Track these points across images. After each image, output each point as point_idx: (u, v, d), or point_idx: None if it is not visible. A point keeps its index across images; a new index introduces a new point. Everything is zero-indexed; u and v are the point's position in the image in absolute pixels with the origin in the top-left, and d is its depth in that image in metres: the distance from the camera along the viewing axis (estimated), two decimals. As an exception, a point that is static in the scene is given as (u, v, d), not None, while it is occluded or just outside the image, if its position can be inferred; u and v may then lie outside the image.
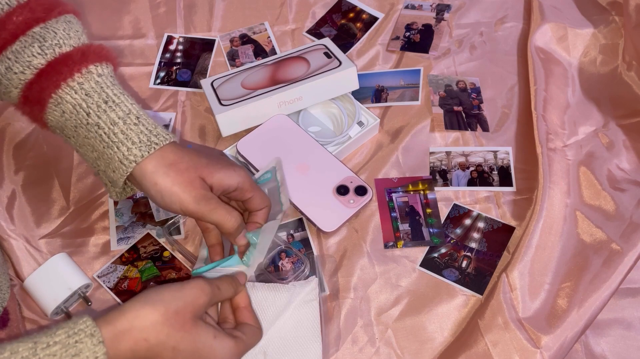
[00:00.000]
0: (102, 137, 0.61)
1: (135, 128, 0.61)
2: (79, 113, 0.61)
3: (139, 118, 0.62)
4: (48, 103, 0.62)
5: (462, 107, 0.88)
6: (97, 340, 0.51)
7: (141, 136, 0.61)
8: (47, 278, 0.72)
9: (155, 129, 0.62)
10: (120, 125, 0.61)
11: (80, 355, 0.50)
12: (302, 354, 0.66)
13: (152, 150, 0.61)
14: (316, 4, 1.02)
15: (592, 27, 0.94)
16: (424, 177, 0.81)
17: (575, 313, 0.67)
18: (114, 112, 0.61)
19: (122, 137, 0.61)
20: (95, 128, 0.61)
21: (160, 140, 0.62)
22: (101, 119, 0.61)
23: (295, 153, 0.80)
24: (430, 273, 0.74)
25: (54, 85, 0.61)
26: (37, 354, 0.49)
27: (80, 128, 0.62)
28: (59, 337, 0.50)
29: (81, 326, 0.51)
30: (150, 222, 0.79)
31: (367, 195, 0.77)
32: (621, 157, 0.81)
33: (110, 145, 0.61)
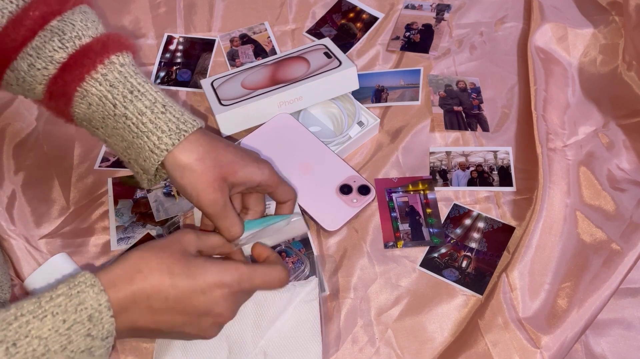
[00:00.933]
0: (131, 127, 0.61)
1: (163, 117, 0.61)
2: (106, 105, 0.61)
3: (165, 106, 0.62)
4: (74, 97, 0.62)
5: (462, 107, 0.88)
6: (98, 289, 0.52)
7: (170, 124, 0.61)
8: (47, 278, 0.72)
9: (182, 116, 0.62)
10: (148, 115, 0.61)
11: (85, 303, 0.52)
12: (302, 355, 0.66)
13: (182, 138, 0.61)
14: (316, 4, 1.02)
15: (592, 27, 0.94)
16: (424, 177, 0.81)
17: (575, 313, 0.67)
18: (140, 101, 0.61)
19: (151, 126, 0.61)
20: (123, 119, 0.61)
21: (188, 127, 0.62)
22: (128, 110, 0.61)
23: (299, 152, 0.80)
24: (431, 273, 0.74)
25: (78, 79, 0.61)
26: (41, 306, 0.51)
27: (108, 119, 0.62)
28: (61, 290, 0.52)
29: (80, 278, 0.53)
30: (150, 222, 0.79)
31: (370, 194, 0.77)
32: (621, 157, 0.81)
33: (140, 135, 0.61)
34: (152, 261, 0.56)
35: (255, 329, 0.67)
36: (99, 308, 0.52)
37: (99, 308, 0.52)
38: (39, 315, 0.50)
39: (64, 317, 0.51)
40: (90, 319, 0.52)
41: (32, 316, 0.50)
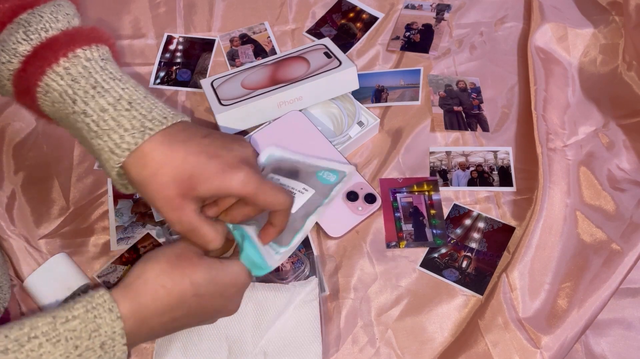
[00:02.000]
0: (90, 126, 0.55)
1: (127, 114, 0.55)
2: (66, 101, 0.56)
3: (131, 103, 0.56)
4: (36, 93, 0.57)
5: (462, 107, 0.88)
6: (115, 316, 0.51)
7: (134, 121, 0.55)
8: (47, 278, 0.72)
9: (150, 113, 0.56)
10: (111, 112, 0.55)
11: (100, 330, 0.51)
12: (302, 355, 0.66)
13: (146, 136, 0.54)
14: (316, 4, 1.02)
15: (592, 27, 0.93)
16: (429, 178, 0.81)
17: (576, 313, 0.67)
18: (103, 97, 0.55)
19: (113, 124, 0.55)
20: (82, 116, 0.55)
21: (155, 125, 0.55)
22: (89, 106, 0.55)
23: (308, 153, 0.80)
24: (431, 273, 0.74)
25: (39, 72, 0.56)
26: (57, 329, 0.49)
27: (70, 118, 0.57)
28: (78, 311, 0.51)
29: (98, 300, 0.52)
30: (150, 222, 0.79)
31: (375, 203, 0.77)
32: (621, 157, 0.81)
33: (100, 134, 0.55)
34: (174, 272, 0.55)
35: (255, 329, 0.67)
36: (112, 335, 0.51)
37: (113, 336, 0.51)
38: (52, 338, 0.49)
39: (77, 343, 0.50)
40: (103, 346, 0.51)
41: (46, 339, 0.49)
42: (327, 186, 0.71)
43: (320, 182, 0.71)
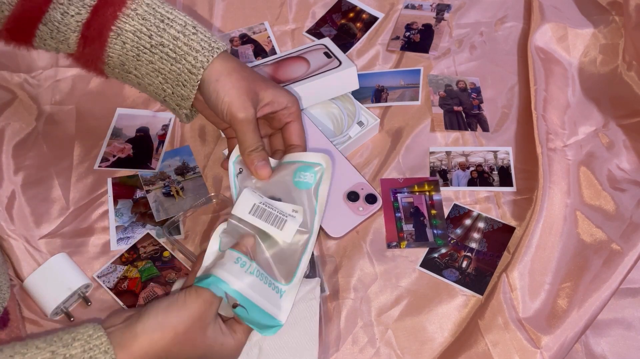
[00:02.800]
0: (169, 54, 0.65)
1: (195, 37, 0.65)
2: (141, 39, 0.64)
3: (195, 27, 0.66)
4: (109, 37, 0.64)
5: (462, 107, 0.88)
6: (110, 357, 0.53)
7: (202, 43, 0.65)
8: (46, 278, 0.72)
9: (212, 36, 0.66)
10: (182, 39, 0.64)
11: None
12: (297, 352, 0.66)
13: (216, 54, 0.64)
14: (316, 4, 1.02)
15: (592, 27, 0.93)
16: (429, 178, 0.81)
17: (576, 313, 0.67)
18: (172, 28, 0.65)
19: (186, 48, 0.64)
20: (159, 48, 0.64)
21: (219, 45, 0.65)
22: (163, 37, 0.64)
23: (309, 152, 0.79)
24: (431, 273, 0.74)
25: (112, 17, 0.64)
26: None
27: (144, 54, 0.65)
28: (75, 350, 0.53)
29: (96, 341, 0.54)
30: (150, 222, 0.79)
31: (376, 203, 0.77)
32: (621, 157, 0.81)
33: (178, 59, 0.64)
34: (174, 348, 0.57)
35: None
36: None
37: None
38: None
39: None
40: None
41: None
42: (308, 191, 0.68)
43: (301, 190, 0.68)
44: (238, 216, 0.65)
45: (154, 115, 0.89)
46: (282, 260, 0.65)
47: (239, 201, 0.66)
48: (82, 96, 0.91)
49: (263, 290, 0.62)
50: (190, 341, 0.58)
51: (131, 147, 0.86)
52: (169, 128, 0.88)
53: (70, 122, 0.88)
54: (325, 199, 0.69)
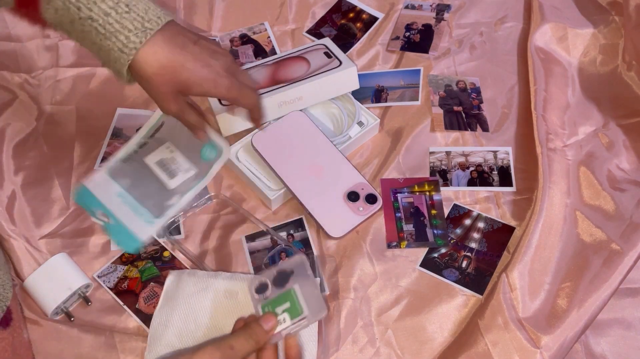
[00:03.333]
0: (98, 29, 0.62)
1: (127, 16, 0.62)
2: (70, 9, 0.62)
3: (128, 5, 0.62)
4: (39, 2, 0.62)
5: (462, 107, 0.88)
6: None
7: (135, 23, 0.62)
8: (47, 278, 0.72)
9: (146, 14, 0.63)
10: (113, 15, 0.62)
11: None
12: None
13: (148, 36, 0.62)
14: (316, 4, 1.02)
15: (592, 27, 0.93)
16: (430, 178, 0.81)
17: (575, 313, 0.67)
18: (103, 2, 0.62)
19: (117, 26, 0.62)
20: (89, 21, 0.62)
21: (153, 25, 0.62)
22: (93, 11, 0.62)
23: (310, 153, 0.80)
24: (430, 273, 0.74)
25: None
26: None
27: (75, 23, 0.63)
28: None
29: None
30: (150, 222, 0.79)
31: (376, 204, 0.77)
32: (621, 157, 0.81)
33: (108, 36, 0.62)
34: None
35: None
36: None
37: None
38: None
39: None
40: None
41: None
42: (207, 163, 0.73)
43: (202, 159, 0.73)
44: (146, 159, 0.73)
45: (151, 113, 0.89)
46: (159, 198, 0.73)
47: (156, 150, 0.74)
48: (82, 96, 0.91)
49: (127, 212, 0.71)
50: None
51: (131, 147, 0.86)
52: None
53: (70, 122, 0.89)
54: (212, 176, 0.73)
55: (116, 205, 0.71)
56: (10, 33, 0.95)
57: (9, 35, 0.95)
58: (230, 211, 0.80)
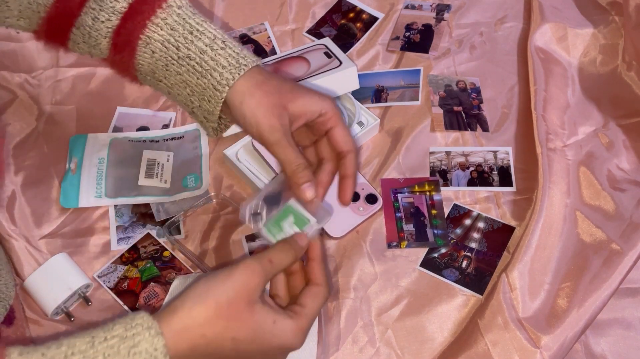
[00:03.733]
0: (195, 68, 0.62)
1: (223, 53, 0.62)
2: (169, 49, 0.62)
3: (224, 42, 0.63)
4: (137, 45, 0.63)
5: (462, 107, 0.88)
6: (154, 332, 0.50)
7: (229, 59, 0.62)
8: (47, 278, 0.72)
9: (241, 51, 0.63)
10: (209, 53, 0.62)
11: (139, 346, 0.49)
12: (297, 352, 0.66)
13: (242, 72, 0.61)
14: (316, 4, 1.02)
15: (592, 27, 0.93)
16: (430, 178, 0.81)
17: (575, 313, 0.67)
18: (200, 40, 0.62)
19: (212, 63, 0.61)
20: (187, 60, 0.62)
21: (248, 62, 0.62)
22: (190, 50, 0.62)
23: None
24: (431, 273, 0.74)
25: (140, 26, 0.62)
26: (94, 347, 0.49)
27: (172, 65, 0.63)
28: (117, 331, 0.50)
29: (138, 320, 0.50)
30: (150, 222, 0.79)
31: (377, 204, 0.77)
32: (621, 157, 0.81)
33: (204, 74, 0.62)
34: (218, 324, 0.52)
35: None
36: (154, 353, 0.49)
37: (155, 353, 0.49)
38: (89, 356, 0.48)
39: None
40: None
41: (83, 357, 0.48)
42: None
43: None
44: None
45: (154, 114, 0.89)
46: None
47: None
48: (82, 96, 0.91)
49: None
50: (236, 316, 0.53)
51: (131, 147, 0.87)
52: (169, 127, 0.88)
53: (70, 122, 0.89)
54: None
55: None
56: (11, 33, 0.95)
57: (9, 35, 0.95)
58: (230, 211, 0.80)
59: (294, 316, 0.56)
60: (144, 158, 0.83)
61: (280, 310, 0.56)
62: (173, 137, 0.86)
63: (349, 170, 0.64)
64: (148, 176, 0.81)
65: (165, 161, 0.83)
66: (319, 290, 0.59)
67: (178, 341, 0.51)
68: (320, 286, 0.59)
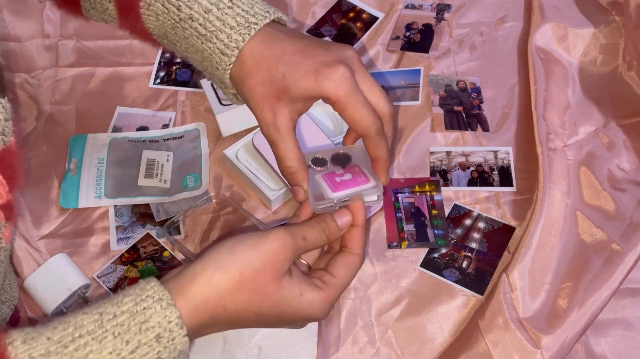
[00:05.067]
0: (199, 30, 0.55)
1: (230, 12, 0.54)
2: (170, 10, 0.56)
3: (232, 0, 0.55)
4: (140, 8, 0.57)
5: (462, 107, 0.88)
6: (166, 303, 0.46)
7: (238, 18, 0.54)
8: (46, 278, 0.72)
9: (252, 8, 0.55)
10: (215, 12, 0.54)
11: (151, 321, 0.45)
12: (296, 352, 0.66)
13: (252, 32, 0.53)
14: (316, 4, 1.02)
15: (592, 27, 0.93)
16: (431, 178, 0.81)
17: (576, 313, 0.67)
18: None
19: (218, 24, 0.54)
20: (189, 22, 0.55)
21: (259, 19, 0.54)
22: (193, 10, 0.55)
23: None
24: (431, 274, 0.74)
25: None
26: (103, 326, 0.45)
27: (177, 28, 0.56)
28: (126, 306, 0.45)
29: (149, 291, 0.46)
30: (150, 222, 0.79)
31: (377, 204, 0.77)
32: (621, 156, 0.81)
33: (209, 37, 0.55)
34: (240, 296, 0.48)
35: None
36: (168, 325, 0.45)
37: (169, 326, 0.45)
38: (98, 336, 0.44)
39: (127, 338, 0.44)
40: (159, 339, 0.45)
41: (92, 338, 0.44)
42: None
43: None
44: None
45: (154, 114, 0.89)
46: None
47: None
48: (82, 96, 0.91)
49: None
50: (260, 290, 0.48)
51: (131, 147, 0.86)
52: (169, 127, 0.88)
53: (70, 122, 0.88)
54: None
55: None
56: (10, 33, 0.95)
57: (8, 35, 0.94)
58: (230, 211, 0.80)
59: (323, 286, 0.52)
60: (143, 158, 0.83)
61: (308, 280, 0.52)
62: (173, 136, 0.86)
63: (371, 153, 0.56)
64: (148, 176, 0.81)
65: (165, 161, 0.83)
66: (354, 260, 0.55)
67: (197, 313, 0.47)
68: (356, 256, 0.55)
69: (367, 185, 0.56)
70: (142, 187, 0.81)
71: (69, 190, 0.80)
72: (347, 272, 0.54)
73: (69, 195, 0.80)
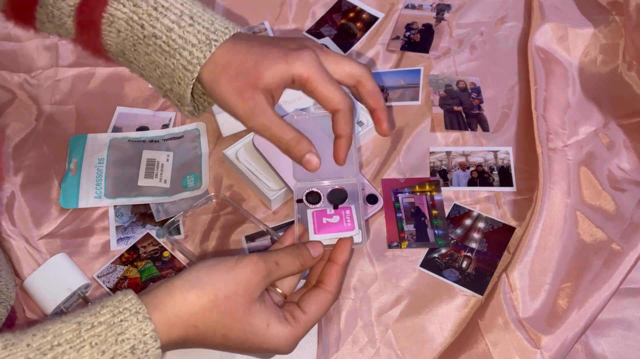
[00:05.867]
0: (162, 47, 0.57)
1: (191, 29, 0.57)
2: (134, 28, 0.58)
3: (192, 18, 0.57)
4: (102, 24, 0.59)
5: (462, 107, 0.88)
6: (142, 316, 0.48)
7: (199, 36, 0.57)
8: (46, 278, 0.72)
9: (212, 25, 0.57)
10: (176, 30, 0.57)
11: (127, 333, 0.47)
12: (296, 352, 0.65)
13: (213, 48, 0.56)
14: (316, 4, 1.02)
15: (592, 27, 0.93)
16: (431, 179, 0.81)
17: (576, 313, 0.67)
18: (165, 17, 0.57)
19: (180, 42, 0.57)
20: (153, 39, 0.58)
21: (219, 36, 0.57)
22: (156, 28, 0.57)
23: None
24: (431, 274, 0.74)
25: (102, 3, 0.58)
26: (81, 335, 0.47)
27: (139, 45, 0.59)
28: (104, 317, 0.48)
29: (126, 304, 0.49)
30: (150, 222, 0.79)
31: (377, 204, 0.77)
32: (621, 157, 0.81)
33: (172, 54, 0.57)
34: (211, 317, 0.51)
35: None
36: (143, 338, 0.48)
37: (144, 338, 0.48)
38: (76, 346, 0.46)
39: (103, 348, 0.46)
40: (134, 351, 0.47)
41: (69, 347, 0.46)
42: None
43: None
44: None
45: (154, 114, 0.89)
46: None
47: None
48: (82, 96, 0.91)
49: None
50: (231, 312, 0.51)
51: (131, 147, 0.87)
52: (169, 127, 0.88)
53: (70, 122, 0.88)
54: None
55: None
56: (10, 33, 0.95)
57: (8, 35, 0.94)
58: (230, 211, 0.80)
59: (292, 322, 0.54)
60: (143, 158, 0.83)
61: (278, 312, 0.54)
62: (173, 136, 0.86)
63: (338, 129, 0.59)
64: (148, 176, 0.81)
65: (165, 161, 0.83)
66: (327, 297, 0.57)
67: (169, 329, 0.50)
68: (329, 294, 0.57)
69: (349, 232, 0.60)
70: (142, 187, 0.81)
71: (69, 190, 0.80)
72: (318, 309, 0.56)
73: (69, 195, 0.80)
